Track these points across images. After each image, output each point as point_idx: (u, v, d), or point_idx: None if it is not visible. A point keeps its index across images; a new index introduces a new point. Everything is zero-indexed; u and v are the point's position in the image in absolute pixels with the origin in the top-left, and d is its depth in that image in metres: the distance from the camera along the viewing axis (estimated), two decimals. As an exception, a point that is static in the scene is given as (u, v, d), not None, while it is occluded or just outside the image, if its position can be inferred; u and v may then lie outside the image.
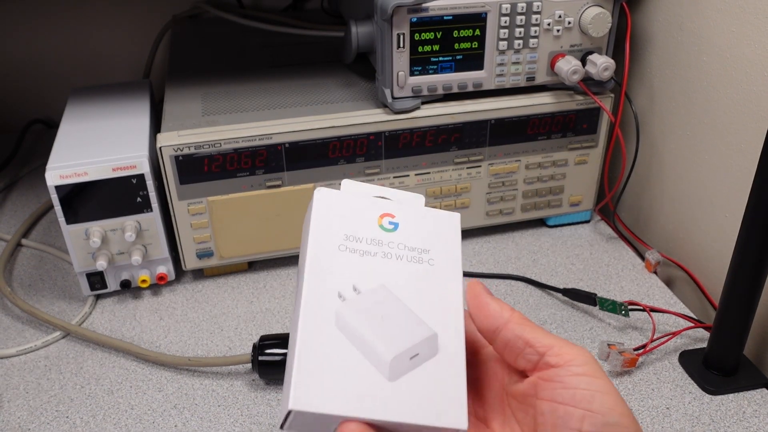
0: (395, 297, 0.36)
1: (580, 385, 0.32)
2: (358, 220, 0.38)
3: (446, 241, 0.39)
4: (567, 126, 0.71)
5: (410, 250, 0.37)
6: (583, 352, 0.34)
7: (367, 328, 0.34)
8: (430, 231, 0.39)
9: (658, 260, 0.70)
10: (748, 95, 0.59)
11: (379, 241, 0.37)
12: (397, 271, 0.36)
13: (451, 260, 0.38)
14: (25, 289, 0.69)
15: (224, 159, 0.63)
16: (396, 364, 0.33)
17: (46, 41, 0.95)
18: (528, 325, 0.35)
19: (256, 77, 0.74)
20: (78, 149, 0.62)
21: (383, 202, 0.39)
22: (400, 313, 0.35)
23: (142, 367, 0.60)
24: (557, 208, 0.76)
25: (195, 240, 0.67)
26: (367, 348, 0.34)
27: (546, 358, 0.34)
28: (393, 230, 0.38)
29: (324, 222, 0.37)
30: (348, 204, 0.38)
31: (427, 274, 0.37)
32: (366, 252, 0.36)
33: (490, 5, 0.63)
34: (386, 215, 0.38)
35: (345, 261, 0.36)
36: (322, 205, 0.38)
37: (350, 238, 0.37)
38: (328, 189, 0.38)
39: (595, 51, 0.68)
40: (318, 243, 0.36)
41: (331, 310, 0.34)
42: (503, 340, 0.35)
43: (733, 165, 0.62)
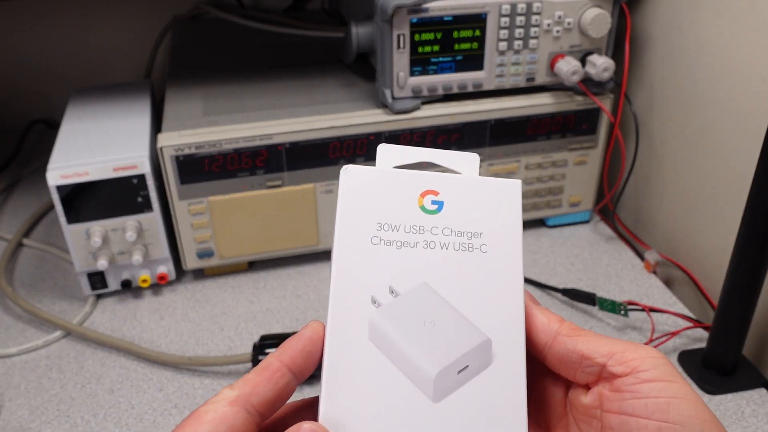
0: (439, 297, 0.30)
1: (651, 393, 0.28)
2: (395, 202, 0.32)
3: (502, 219, 0.32)
4: (567, 126, 0.71)
5: (458, 235, 0.31)
6: (652, 353, 0.29)
7: (405, 338, 0.29)
8: (483, 208, 0.32)
9: (657, 260, 0.71)
10: (747, 96, 0.59)
11: (420, 227, 0.31)
12: (441, 263, 0.31)
13: (508, 244, 0.31)
14: (26, 289, 0.69)
15: (225, 159, 0.64)
16: (441, 380, 0.29)
17: (48, 42, 0.95)
18: (581, 335, 0.31)
19: (257, 77, 0.74)
20: (79, 149, 0.63)
21: (425, 176, 0.32)
22: (446, 316, 0.30)
23: (142, 367, 0.60)
24: (557, 208, 0.76)
25: (195, 240, 0.67)
26: (407, 363, 0.29)
27: (608, 368, 0.29)
28: (437, 211, 0.32)
29: (352, 210, 0.31)
30: (382, 183, 0.32)
31: (478, 265, 0.31)
32: (404, 243, 0.31)
33: (490, 6, 0.63)
34: (428, 192, 0.32)
35: (379, 257, 0.30)
36: (349, 189, 0.32)
37: (385, 226, 0.31)
38: (358, 167, 0.32)
39: (594, 52, 0.68)
40: (346, 237, 0.31)
41: (363, 319, 0.29)
42: (556, 356, 0.31)
43: (732, 165, 0.62)
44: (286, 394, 0.29)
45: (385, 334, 0.29)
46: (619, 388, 0.29)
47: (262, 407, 0.28)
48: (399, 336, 0.29)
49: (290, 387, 0.29)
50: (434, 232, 0.31)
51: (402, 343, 0.29)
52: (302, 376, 0.29)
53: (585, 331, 0.31)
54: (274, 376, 0.28)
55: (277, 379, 0.28)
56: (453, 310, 0.30)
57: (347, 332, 0.29)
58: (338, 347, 0.29)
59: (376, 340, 0.29)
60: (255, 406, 0.28)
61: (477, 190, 0.32)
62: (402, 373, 0.28)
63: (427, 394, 0.28)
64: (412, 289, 0.30)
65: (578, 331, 0.31)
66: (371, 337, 0.29)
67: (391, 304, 0.30)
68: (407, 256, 0.31)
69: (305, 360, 0.29)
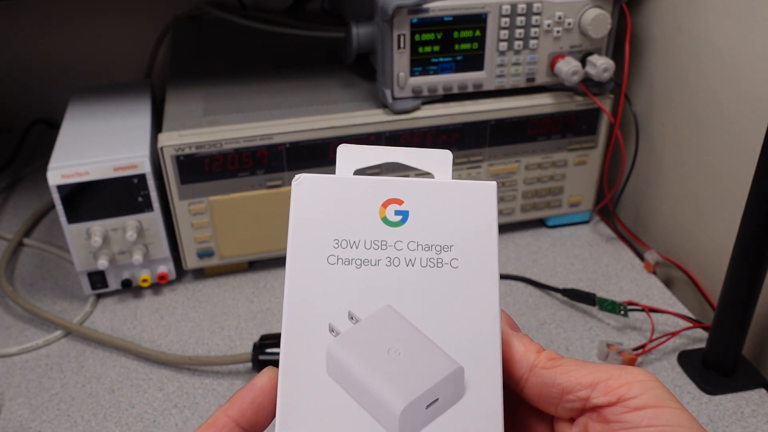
0: (405, 321, 0.27)
1: (642, 422, 0.25)
2: (353, 215, 0.28)
3: (476, 228, 0.28)
4: (567, 127, 0.71)
5: (425, 249, 0.28)
6: (639, 377, 0.26)
7: (366, 370, 0.26)
8: (453, 216, 0.28)
9: (657, 261, 0.71)
10: (747, 96, 0.59)
11: (382, 242, 0.28)
12: (407, 282, 0.27)
13: (482, 258, 0.28)
14: (27, 288, 0.69)
15: (225, 159, 0.64)
16: (408, 416, 0.25)
17: (48, 42, 0.95)
18: (560, 367, 0.27)
19: (257, 78, 0.74)
20: (79, 149, 0.63)
21: (387, 182, 0.29)
22: (413, 343, 0.27)
23: (142, 366, 0.60)
24: (557, 208, 0.76)
25: (196, 239, 0.67)
26: (369, 399, 0.26)
27: (592, 400, 0.26)
28: (401, 223, 0.28)
29: (306, 225, 0.28)
30: (338, 192, 0.28)
31: (449, 283, 0.27)
32: (365, 261, 0.27)
33: (491, 6, 0.63)
34: (391, 201, 0.28)
35: (337, 278, 0.27)
36: (302, 201, 0.28)
37: (343, 243, 0.28)
38: (311, 175, 0.28)
39: (594, 52, 0.68)
40: (299, 257, 0.27)
41: (319, 350, 0.26)
42: (534, 391, 0.28)
43: (732, 166, 0.62)
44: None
45: (343, 367, 0.26)
46: (606, 418, 0.26)
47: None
48: (359, 368, 0.26)
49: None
50: (398, 246, 0.28)
51: (363, 376, 0.26)
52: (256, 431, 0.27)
53: (565, 360, 0.28)
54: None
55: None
56: (420, 335, 0.27)
57: (302, 366, 0.26)
58: (292, 383, 0.26)
59: (334, 374, 0.26)
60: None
61: (446, 195, 0.28)
62: (364, 409, 0.26)
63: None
64: (373, 314, 0.27)
65: (557, 361, 0.28)
66: (329, 371, 0.26)
67: (351, 332, 0.27)
68: (368, 276, 0.27)
69: (256, 413, 0.26)
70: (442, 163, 0.30)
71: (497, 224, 0.28)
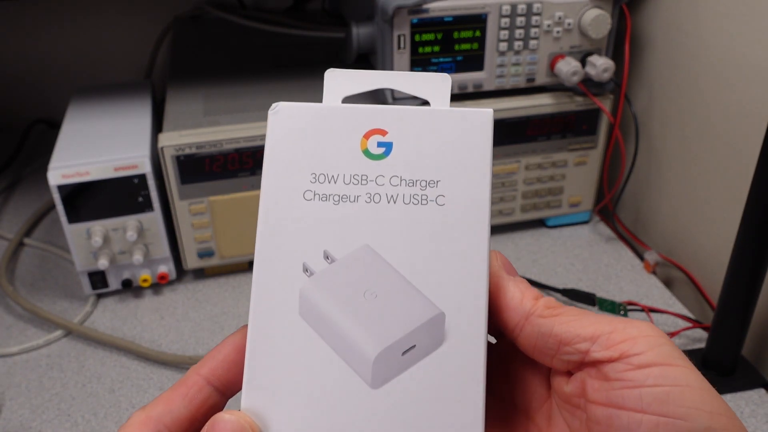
0: (383, 262, 0.25)
1: (647, 381, 0.23)
2: (333, 147, 0.26)
3: (466, 162, 0.26)
4: (567, 127, 0.71)
5: (409, 184, 0.26)
6: (646, 331, 0.24)
7: (340, 313, 0.25)
8: (441, 149, 0.26)
9: (656, 261, 0.71)
10: (747, 96, 0.59)
11: (362, 176, 0.26)
12: (388, 220, 0.25)
13: (472, 195, 0.25)
14: (27, 288, 0.69)
15: (225, 159, 0.64)
16: (382, 363, 0.24)
17: (49, 42, 0.95)
18: (559, 316, 0.25)
19: (258, 78, 0.75)
20: (80, 149, 0.63)
21: (369, 110, 0.26)
22: (391, 285, 0.25)
23: (143, 366, 0.60)
24: (557, 208, 0.76)
25: (196, 239, 0.67)
26: (342, 343, 0.24)
27: (592, 354, 0.24)
28: (384, 155, 0.26)
29: (282, 158, 0.26)
30: (318, 122, 0.26)
31: (433, 222, 0.25)
32: (343, 197, 0.26)
33: (491, 6, 0.63)
34: (374, 132, 0.26)
35: (313, 215, 0.25)
36: (278, 132, 0.26)
37: (320, 177, 0.26)
38: (288, 104, 0.26)
39: (594, 52, 0.68)
40: (273, 192, 0.26)
41: (292, 291, 0.25)
42: (528, 340, 0.26)
43: (732, 166, 0.62)
44: (206, 410, 0.25)
45: (316, 308, 0.25)
46: (606, 375, 0.24)
47: (177, 427, 0.25)
48: (333, 310, 0.25)
49: (211, 402, 0.26)
50: (380, 182, 0.26)
51: (336, 319, 0.24)
52: (229, 390, 0.26)
53: (564, 309, 0.26)
54: (189, 392, 0.25)
55: (193, 395, 0.25)
56: (399, 278, 0.25)
57: (273, 306, 0.25)
58: (262, 325, 0.25)
59: (306, 316, 0.25)
60: (169, 426, 0.25)
61: (435, 125, 0.26)
62: (336, 354, 0.24)
63: (365, 379, 0.24)
64: (350, 254, 0.25)
65: (555, 310, 0.26)
66: (301, 312, 0.25)
67: (325, 272, 0.25)
68: (346, 212, 0.25)
69: (228, 371, 0.25)
70: (439, 89, 0.27)
71: (491, 158, 0.26)
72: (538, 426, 0.27)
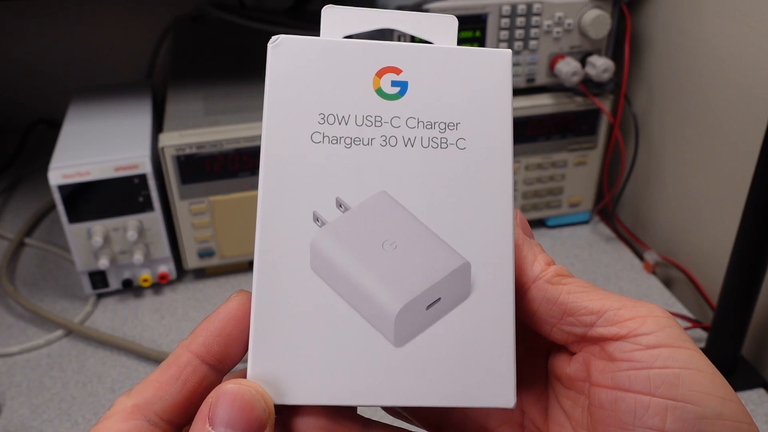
0: (402, 210, 0.23)
1: (655, 363, 0.22)
2: (343, 85, 0.24)
3: (487, 104, 0.24)
4: (566, 127, 0.71)
5: (427, 126, 0.24)
6: (655, 311, 0.23)
7: (356, 265, 0.23)
8: (461, 89, 0.24)
9: (656, 261, 0.71)
10: (747, 97, 0.59)
11: (376, 117, 0.24)
12: (405, 164, 0.23)
13: (494, 138, 0.24)
14: (28, 288, 0.70)
15: (225, 159, 0.64)
16: (405, 318, 0.22)
17: (50, 42, 0.95)
18: (567, 284, 0.24)
19: (258, 78, 0.74)
20: (81, 149, 0.63)
21: (382, 47, 0.24)
22: (411, 234, 0.23)
23: (143, 366, 0.60)
24: (556, 208, 0.76)
25: (196, 239, 0.67)
26: (359, 298, 0.22)
27: (596, 328, 0.23)
28: (399, 95, 0.24)
29: (286, 96, 0.24)
30: (325, 58, 0.24)
31: (454, 166, 0.24)
32: (355, 139, 0.23)
33: (491, 7, 0.63)
34: (388, 70, 0.24)
35: (322, 159, 0.23)
36: (281, 68, 0.24)
37: (330, 118, 0.24)
38: (291, 36, 0.24)
39: (594, 53, 0.68)
40: (277, 134, 0.23)
41: (302, 242, 0.23)
42: (531, 305, 0.24)
43: (732, 166, 0.62)
44: (202, 392, 0.22)
45: (330, 261, 0.23)
46: (612, 355, 0.22)
47: (170, 414, 0.22)
48: (348, 263, 0.23)
49: (207, 383, 0.22)
50: (396, 123, 0.24)
51: (353, 272, 0.22)
52: (226, 366, 0.23)
53: (574, 279, 0.24)
54: (182, 374, 0.22)
55: (186, 376, 0.22)
56: (420, 226, 0.23)
57: (281, 259, 0.22)
58: (270, 280, 0.22)
59: (318, 269, 0.22)
60: (160, 414, 0.22)
61: (453, 64, 0.24)
62: (354, 310, 0.22)
63: (387, 337, 0.22)
64: (366, 201, 0.23)
65: (566, 278, 0.24)
66: (313, 265, 0.23)
67: (339, 222, 0.23)
68: (360, 156, 0.23)
69: (224, 346, 0.22)
70: (446, 31, 0.26)
71: (511, 100, 0.24)
72: (533, 420, 0.26)
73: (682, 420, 0.21)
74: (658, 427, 0.21)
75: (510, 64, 0.25)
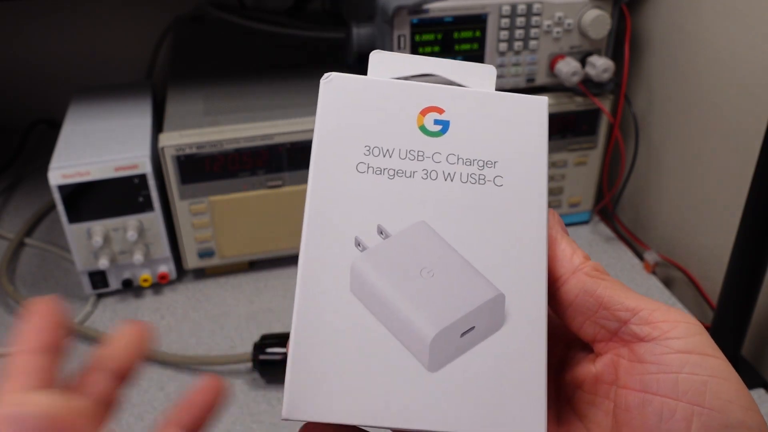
0: (440, 240, 0.24)
1: (684, 368, 0.22)
2: (388, 121, 0.26)
3: (524, 145, 0.26)
4: (566, 127, 0.71)
5: (467, 163, 0.25)
6: (687, 318, 0.23)
7: (395, 291, 0.24)
8: (499, 130, 0.26)
9: (656, 261, 0.71)
10: (746, 97, 0.59)
11: (419, 152, 0.25)
12: (445, 197, 0.25)
13: (530, 177, 0.25)
14: (28, 288, 0.70)
15: (225, 159, 0.64)
16: (440, 344, 0.23)
17: (50, 42, 0.95)
18: (605, 279, 0.24)
19: (258, 78, 0.75)
20: (81, 149, 0.63)
21: (427, 88, 0.26)
22: (448, 264, 0.24)
23: (143, 366, 0.60)
24: (556, 208, 0.76)
25: (196, 239, 0.67)
26: (397, 322, 0.23)
27: (630, 326, 0.23)
28: (441, 133, 0.26)
29: (334, 129, 0.25)
30: (373, 95, 0.26)
31: (492, 201, 0.25)
32: (398, 171, 0.25)
33: (491, 7, 0.63)
34: (431, 109, 0.26)
35: (366, 188, 0.25)
36: (331, 102, 0.26)
37: (375, 150, 0.25)
38: (342, 74, 0.26)
39: (594, 53, 0.68)
40: (325, 162, 0.25)
41: (343, 265, 0.24)
42: (568, 296, 0.25)
43: (732, 166, 0.62)
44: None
45: (369, 285, 0.24)
46: (641, 357, 0.23)
47: None
48: (387, 287, 0.24)
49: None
50: (437, 159, 0.25)
51: (391, 297, 0.23)
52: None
53: (611, 277, 0.25)
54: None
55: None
56: (457, 256, 0.24)
57: (323, 281, 0.24)
58: (311, 300, 0.23)
59: (358, 292, 0.24)
60: None
61: (492, 107, 0.26)
62: (390, 334, 0.23)
63: (422, 362, 0.23)
64: (406, 230, 0.24)
65: (604, 274, 0.25)
66: (353, 288, 0.24)
67: (379, 248, 0.24)
68: (402, 187, 0.25)
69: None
70: (485, 79, 0.27)
71: (547, 142, 0.26)
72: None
73: (707, 427, 0.21)
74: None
75: (546, 110, 0.26)
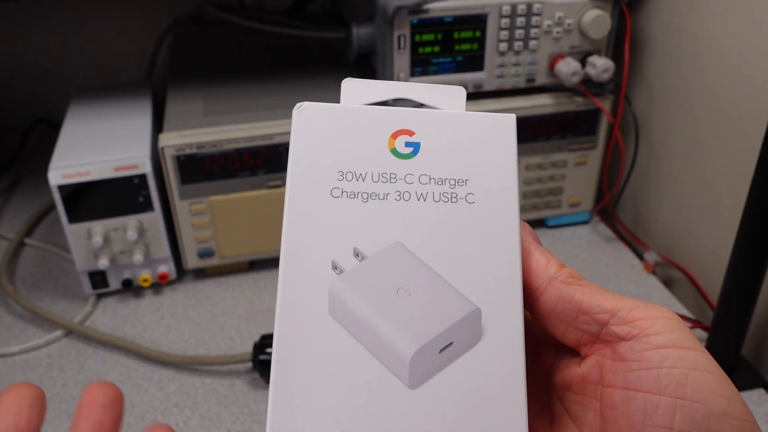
0: (416, 259, 0.25)
1: (665, 363, 0.23)
2: (360, 146, 0.26)
3: (494, 162, 0.26)
4: (567, 127, 0.71)
5: (438, 183, 0.26)
6: (665, 313, 0.24)
7: (373, 311, 0.24)
8: (469, 149, 0.26)
9: (656, 261, 0.71)
10: (746, 97, 0.59)
11: (391, 174, 0.26)
12: (418, 218, 0.25)
13: (501, 194, 0.26)
14: (28, 288, 0.70)
15: (225, 159, 0.64)
16: (420, 362, 0.24)
17: (50, 42, 0.95)
18: (581, 285, 0.25)
19: (258, 78, 0.75)
20: (81, 149, 0.63)
21: (396, 112, 0.27)
22: (424, 282, 0.25)
23: (143, 366, 0.60)
24: (557, 209, 0.76)
25: (196, 239, 0.67)
26: (376, 342, 0.24)
27: (611, 327, 0.24)
28: (412, 155, 0.26)
29: (308, 156, 0.26)
30: (344, 122, 0.26)
31: (464, 219, 0.26)
32: (372, 194, 0.26)
33: (491, 7, 0.63)
34: (401, 132, 0.26)
35: (341, 212, 0.25)
36: (304, 130, 0.26)
37: (348, 175, 0.26)
38: (314, 103, 0.27)
39: (594, 53, 0.68)
40: (299, 189, 0.25)
41: (321, 289, 0.24)
42: (547, 305, 0.25)
43: (732, 166, 0.62)
44: None
45: (347, 307, 0.24)
46: (623, 356, 0.24)
47: None
48: (365, 308, 0.24)
49: None
50: (409, 180, 0.26)
51: (369, 317, 0.24)
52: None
53: (587, 282, 0.25)
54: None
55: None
56: (433, 274, 0.25)
57: (301, 305, 0.24)
58: (290, 324, 0.24)
59: (337, 314, 0.24)
60: None
61: (461, 127, 0.27)
62: (370, 353, 0.24)
63: (402, 380, 0.23)
64: (382, 251, 0.25)
65: (579, 280, 0.25)
66: (331, 311, 0.24)
67: (356, 270, 0.25)
68: (376, 210, 0.25)
69: None
70: (455, 100, 0.28)
71: (516, 158, 0.27)
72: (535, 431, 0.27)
73: (690, 419, 0.22)
74: (667, 426, 0.22)
75: (514, 127, 0.27)
